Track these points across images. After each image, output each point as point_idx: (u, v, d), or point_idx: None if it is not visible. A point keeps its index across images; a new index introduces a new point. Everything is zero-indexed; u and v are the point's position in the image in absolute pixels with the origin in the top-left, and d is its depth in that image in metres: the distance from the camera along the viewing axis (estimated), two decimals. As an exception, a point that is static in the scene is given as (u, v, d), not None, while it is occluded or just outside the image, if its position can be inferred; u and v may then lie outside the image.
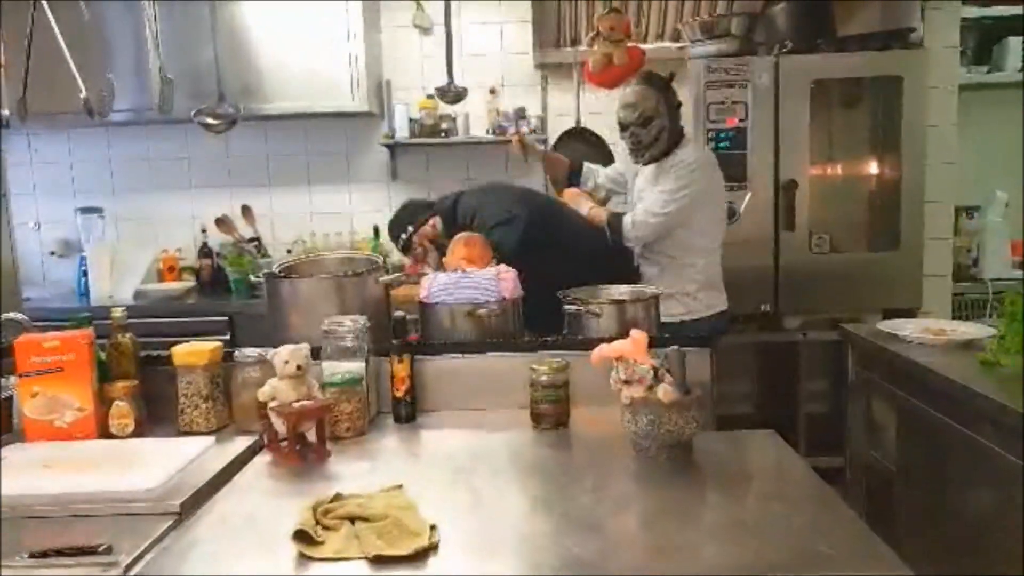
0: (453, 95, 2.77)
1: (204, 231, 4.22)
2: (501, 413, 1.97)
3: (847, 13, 3.72)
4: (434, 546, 1.26)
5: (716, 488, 1.55)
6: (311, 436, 1.75)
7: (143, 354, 2.01)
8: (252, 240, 4.15)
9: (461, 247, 2.55)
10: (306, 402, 1.73)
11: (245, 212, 4.22)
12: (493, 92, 4.15)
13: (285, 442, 1.72)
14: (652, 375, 1.65)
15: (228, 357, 1.93)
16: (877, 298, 3.56)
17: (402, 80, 4.19)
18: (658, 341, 1.88)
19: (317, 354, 1.87)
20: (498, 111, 4.15)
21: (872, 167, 3.76)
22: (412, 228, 3.06)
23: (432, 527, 1.30)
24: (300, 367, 1.76)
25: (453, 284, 2.24)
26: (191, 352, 1.89)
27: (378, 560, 1.22)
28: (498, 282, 2.23)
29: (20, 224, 4.29)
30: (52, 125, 4.09)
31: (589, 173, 3.37)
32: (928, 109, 3.56)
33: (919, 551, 2.18)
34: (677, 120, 3.02)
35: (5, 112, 2.57)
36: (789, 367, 3.69)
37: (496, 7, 4.19)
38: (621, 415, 1.68)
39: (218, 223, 4.15)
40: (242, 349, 1.92)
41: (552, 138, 4.17)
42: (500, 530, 1.35)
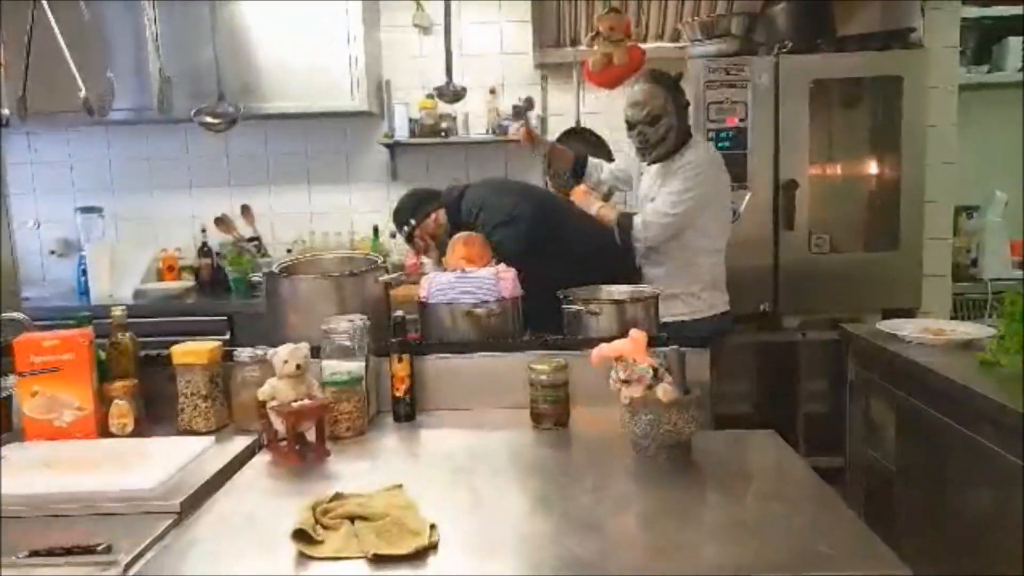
0: (452, 95, 2.77)
1: (204, 230, 4.22)
2: (501, 413, 1.97)
3: (847, 13, 3.73)
4: (434, 545, 1.26)
5: (716, 488, 1.54)
6: (310, 435, 1.75)
7: (142, 353, 2.02)
8: (252, 239, 4.15)
9: (460, 246, 2.55)
10: (305, 401, 1.73)
11: (245, 211, 4.22)
12: (493, 92, 4.15)
13: (284, 441, 1.72)
14: (651, 375, 1.65)
15: (227, 356, 1.93)
16: (876, 298, 3.56)
17: (402, 80, 4.19)
18: (657, 341, 1.88)
19: (317, 353, 1.87)
20: (498, 111, 4.15)
21: (872, 167, 3.75)
22: (415, 222, 3.06)
23: (432, 526, 1.30)
24: (299, 366, 1.76)
25: (453, 284, 2.24)
26: (190, 351, 1.89)
27: (377, 559, 1.22)
28: (497, 281, 2.23)
29: (20, 223, 4.30)
30: (52, 124, 4.09)
31: (593, 168, 3.37)
32: (928, 109, 3.56)
33: (918, 551, 2.18)
34: (685, 119, 3.00)
35: (5, 111, 2.56)
36: (788, 367, 3.69)
37: (496, 7, 4.19)
38: (620, 415, 1.68)
39: (218, 222, 4.15)
40: (241, 348, 1.92)
41: (552, 138, 4.16)
42: (500, 530, 1.35)
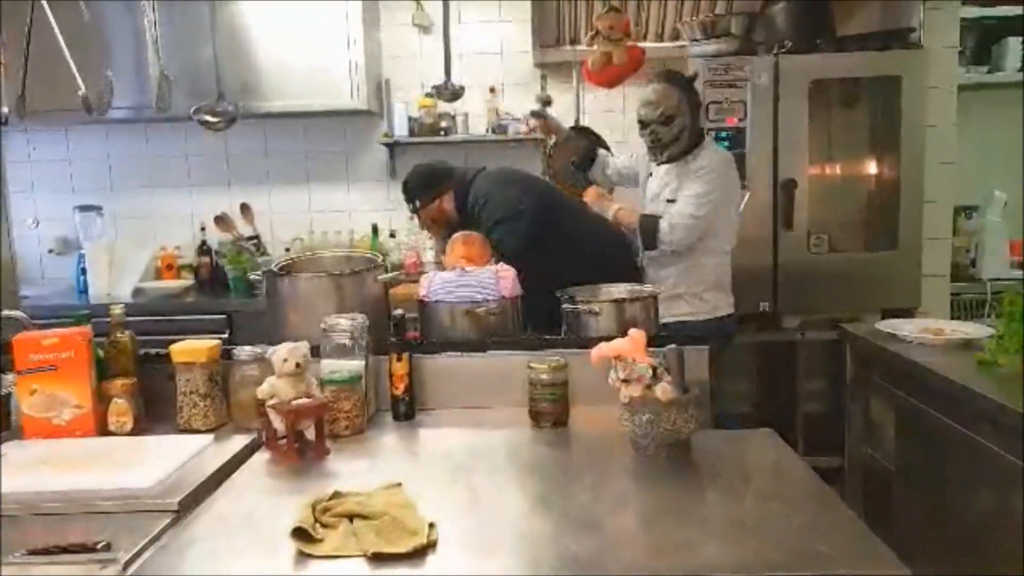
0: (450, 93, 2.77)
1: (203, 229, 4.22)
2: (500, 411, 1.97)
3: (846, 13, 3.73)
4: (432, 544, 1.26)
5: (715, 487, 1.54)
6: (310, 434, 1.75)
7: (142, 352, 2.01)
8: (251, 238, 4.15)
9: (460, 246, 2.55)
10: (305, 400, 1.73)
11: (244, 210, 4.22)
12: (493, 91, 4.15)
13: (284, 440, 1.72)
14: (651, 374, 1.65)
15: (227, 355, 1.93)
16: (876, 298, 3.56)
17: (401, 79, 4.19)
18: (657, 340, 1.88)
19: (316, 352, 1.87)
20: (498, 110, 4.15)
21: (871, 167, 3.76)
22: (419, 203, 3.08)
23: (431, 525, 1.30)
24: (299, 365, 1.76)
25: (452, 283, 2.24)
26: (190, 350, 1.89)
27: (377, 558, 1.22)
28: (497, 281, 2.23)
29: (19, 222, 4.30)
30: (51, 123, 4.09)
31: (601, 161, 3.34)
32: (927, 109, 3.56)
33: (918, 551, 2.18)
34: (698, 120, 2.99)
35: (4, 110, 2.56)
36: (788, 367, 3.69)
37: (496, 6, 4.19)
38: (620, 414, 1.69)
39: (217, 221, 4.14)
40: (241, 347, 1.92)
41: (551, 138, 4.16)
42: (499, 528, 1.35)
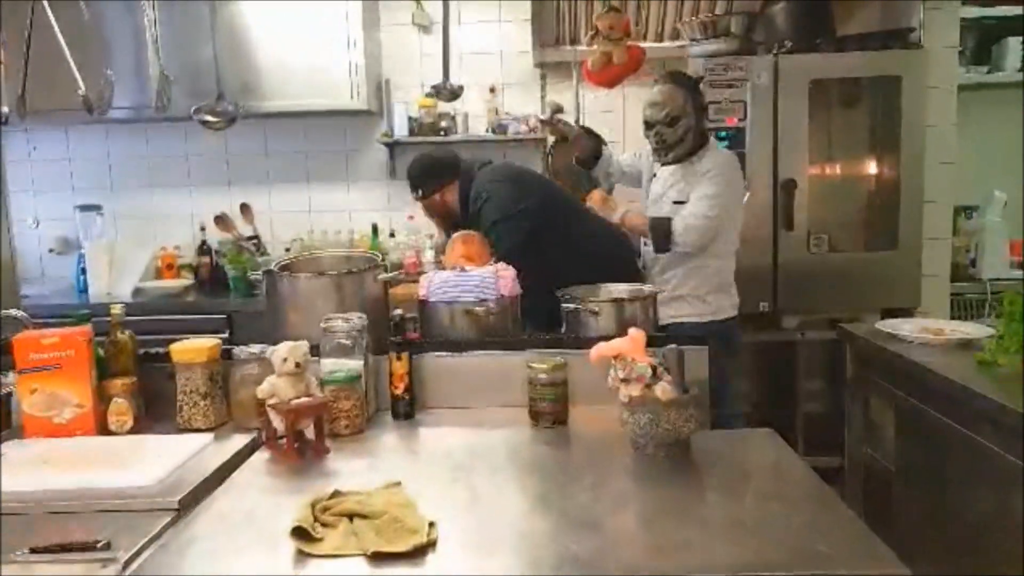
0: (449, 93, 2.76)
1: (203, 229, 4.22)
2: (500, 411, 1.97)
3: (846, 13, 3.73)
4: (432, 543, 1.26)
5: (715, 487, 1.55)
6: (310, 433, 1.75)
7: (142, 351, 2.01)
8: (251, 238, 4.14)
9: (460, 245, 2.56)
10: (305, 399, 1.73)
11: (244, 210, 4.21)
12: (492, 91, 4.15)
13: (283, 439, 1.72)
14: (650, 374, 1.65)
15: (227, 354, 1.94)
16: (875, 298, 3.57)
17: (401, 79, 4.19)
18: (656, 340, 1.88)
19: (316, 351, 1.87)
20: (497, 110, 4.15)
21: (871, 167, 3.75)
22: (421, 192, 3.11)
23: (430, 524, 1.30)
24: (299, 364, 1.76)
25: (452, 282, 2.24)
26: (190, 349, 1.89)
27: (376, 557, 1.22)
28: (497, 280, 2.23)
29: (19, 221, 4.30)
30: (51, 122, 4.09)
31: (606, 159, 3.30)
32: (927, 109, 3.56)
33: (918, 551, 2.18)
34: (703, 122, 2.97)
35: (4, 109, 2.56)
36: (787, 366, 3.69)
37: (496, 6, 4.18)
38: (619, 413, 1.68)
39: (217, 221, 4.14)
40: (241, 346, 1.92)
41: (551, 137, 4.17)
42: (498, 528, 1.35)
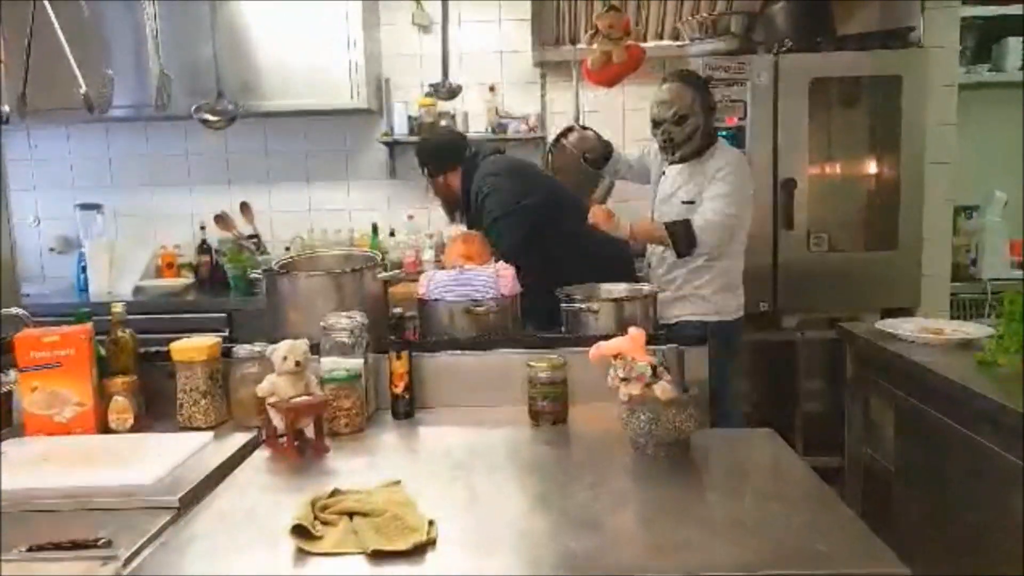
0: (447, 92, 2.78)
1: (203, 228, 4.22)
2: (499, 410, 1.97)
3: (846, 12, 3.73)
4: (432, 542, 1.27)
5: (714, 486, 1.55)
6: (309, 432, 1.75)
7: (142, 350, 2.02)
8: (251, 237, 4.15)
9: (460, 244, 2.56)
10: (304, 398, 1.74)
11: (244, 209, 4.22)
12: (492, 90, 4.15)
13: (283, 438, 1.73)
14: (650, 373, 1.65)
15: (227, 353, 1.94)
16: (875, 297, 3.57)
17: (401, 78, 4.19)
18: (657, 339, 1.89)
19: (316, 350, 1.87)
20: (497, 109, 4.15)
21: (871, 166, 3.76)
22: (427, 172, 3.19)
23: (430, 523, 1.30)
24: (299, 363, 1.76)
25: (452, 281, 2.24)
26: (190, 348, 1.89)
27: (376, 555, 1.22)
28: (496, 279, 2.23)
29: (19, 220, 4.31)
30: (52, 121, 4.08)
31: (614, 159, 3.26)
32: (927, 108, 3.56)
33: (918, 551, 2.18)
34: (711, 121, 2.95)
35: (5, 108, 2.57)
36: (787, 366, 3.69)
37: (495, 5, 4.19)
38: (619, 413, 1.68)
39: (217, 220, 4.14)
40: (241, 345, 1.92)
41: (551, 135, 4.17)
42: (498, 526, 1.35)
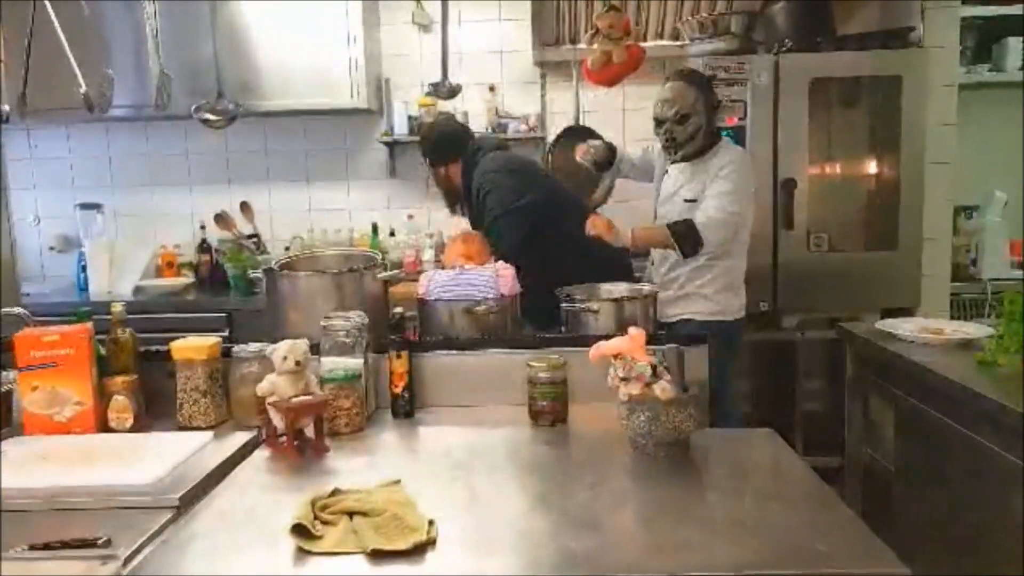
0: (447, 91, 2.78)
1: (203, 227, 4.22)
2: (499, 410, 1.97)
3: (847, 12, 3.73)
4: (432, 541, 1.27)
5: (714, 486, 1.55)
6: (309, 432, 1.75)
7: (142, 349, 2.02)
8: (251, 236, 4.15)
9: (460, 244, 2.56)
10: (304, 398, 1.74)
11: (244, 208, 4.21)
12: (492, 90, 4.15)
13: (283, 437, 1.73)
14: (650, 372, 1.65)
15: (227, 352, 1.94)
16: (875, 297, 3.57)
17: (401, 78, 4.20)
18: (656, 339, 1.89)
19: (316, 350, 1.87)
20: (497, 109, 4.15)
21: (871, 166, 3.75)
22: (428, 161, 3.22)
23: (430, 522, 1.31)
24: (299, 363, 1.76)
25: (452, 281, 2.24)
26: (190, 347, 1.89)
27: (376, 554, 1.22)
28: (496, 279, 2.23)
29: (19, 219, 4.31)
30: (52, 121, 4.09)
31: (619, 160, 3.24)
32: (927, 108, 3.56)
33: (918, 551, 2.18)
34: (714, 120, 2.94)
35: (5, 108, 2.57)
36: (787, 366, 3.69)
37: (496, 6, 4.19)
38: (619, 412, 1.68)
39: (217, 219, 4.14)
40: (241, 345, 1.92)
41: (551, 135, 4.17)
42: (498, 526, 1.36)
